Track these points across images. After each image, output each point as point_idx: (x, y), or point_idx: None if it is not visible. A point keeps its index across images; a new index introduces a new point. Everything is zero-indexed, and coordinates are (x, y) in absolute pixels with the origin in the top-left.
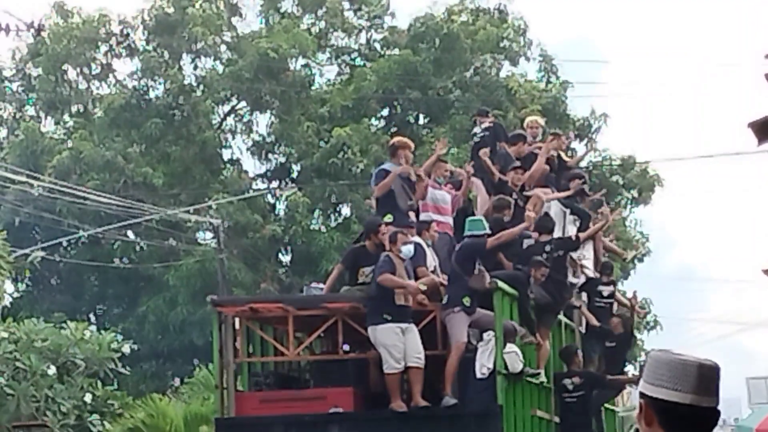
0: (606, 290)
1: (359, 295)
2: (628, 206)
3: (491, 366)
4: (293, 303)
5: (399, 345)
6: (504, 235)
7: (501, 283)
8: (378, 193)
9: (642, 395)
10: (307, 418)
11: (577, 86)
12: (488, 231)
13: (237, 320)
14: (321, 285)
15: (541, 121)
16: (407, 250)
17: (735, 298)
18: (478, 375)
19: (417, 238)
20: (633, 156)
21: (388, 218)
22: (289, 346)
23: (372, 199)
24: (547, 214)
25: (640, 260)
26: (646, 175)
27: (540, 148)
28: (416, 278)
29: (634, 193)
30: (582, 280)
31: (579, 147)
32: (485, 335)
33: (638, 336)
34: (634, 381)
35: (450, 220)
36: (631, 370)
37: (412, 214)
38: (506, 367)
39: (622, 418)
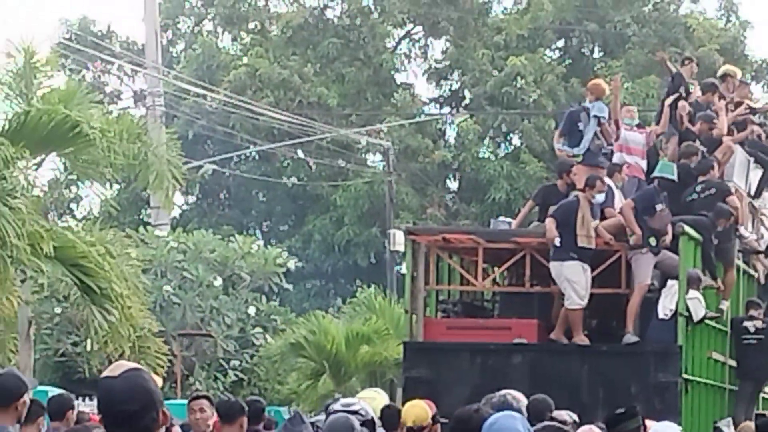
0: None
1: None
2: None
3: (673, 308)
4: (484, 235)
5: (583, 282)
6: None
7: (687, 228)
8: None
9: None
10: (491, 346)
11: (758, 26)
12: (675, 178)
13: (428, 249)
14: (508, 219)
15: (738, 71)
16: (601, 197)
17: None
18: (661, 316)
19: (607, 180)
20: None
21: (578, 158)
22: (477, 277)
23: (556, 137)
24: (704, 155)
25: None
26: None
27: (737, 102)
28: (603, 219)
29: None
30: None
31: (756, 88)
32: (669, 282)
33: None
34: None
35: (642, 162)
36: None
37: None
38: (688, 311)
39: None
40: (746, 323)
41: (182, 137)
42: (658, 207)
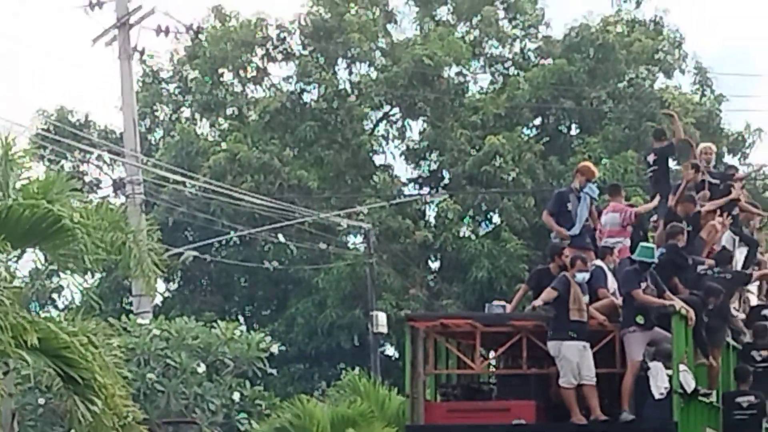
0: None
1: (543, 314)
2: None
3: (667, 385)
4: (481, 320)
5: (578, 361)
6: (655, 302)
7: (678, 307)
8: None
9: None
10: (491, 428)
11: (732, 100)
12: (656, 261)
13: (427, 334)
14: (502, 303)
15: (714, 147)
16: (581, 277)
17: None
18: (656, 396)
19: (599, 262)
20: None
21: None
22: (475, 360)
23: (545, 216)
24: (725, 248)
25: None
26: None
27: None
28: (597, 299)
29: None
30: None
31: (733, 161)
32: (651, 363)
33: None
34: None
35: (627, 240)
36: None
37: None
38: (681, 386)
39: None
40: (739, 399)
41: (162, 224)
42: (642, 285)
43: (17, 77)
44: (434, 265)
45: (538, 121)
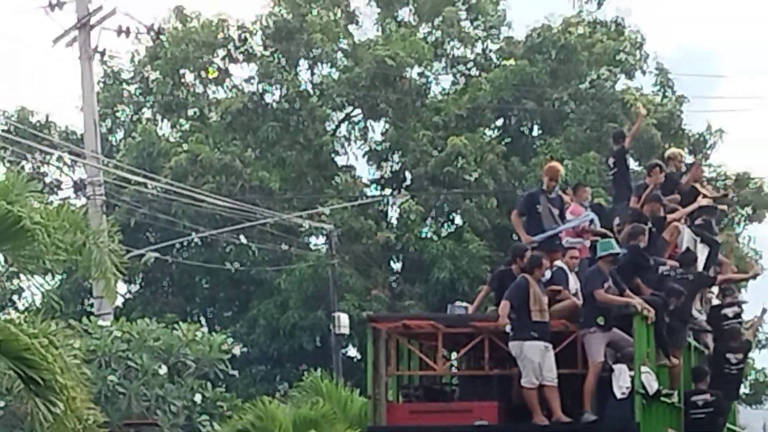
0: (730, 311)
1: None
2: (742, 223)
3: (629, 385)
4: (443, 321)
5: (540, 362)
6: (618, 300)
7: (639, 308)
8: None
9: None
10: (454, 429)
11: (694, 100)
12: (618, 251)
13: (389, 335)
14: (464, 304)
15: (683, 153)
16: (547, 274)
17: None
18: (618, 396)
19: (559, 263)
20: (748, 172)
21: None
22: (437, 361)
23: (515, 217)
24: (689, 249)
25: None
26: (761, 192)
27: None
28: (558, 301)
29: (749, 210)
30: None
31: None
32: (615, 366)
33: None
34: None
35: (588, 241)
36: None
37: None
38: (644, 387)
39: None
40: (695, 398)
41: (124, 226)
42: (605, 285)
43: None
44: (396, 266)
45: (500, 122)
